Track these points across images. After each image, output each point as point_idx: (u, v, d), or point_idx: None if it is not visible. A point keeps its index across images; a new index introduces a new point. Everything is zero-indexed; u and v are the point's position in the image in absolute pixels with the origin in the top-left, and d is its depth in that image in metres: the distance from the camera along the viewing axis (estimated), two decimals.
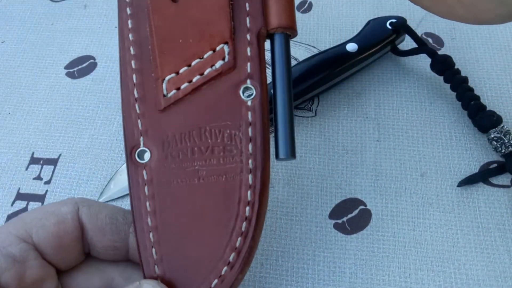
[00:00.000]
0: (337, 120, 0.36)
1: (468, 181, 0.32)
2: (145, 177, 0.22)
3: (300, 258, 0.30)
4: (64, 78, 0.40)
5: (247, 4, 0.22)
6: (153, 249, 0.21)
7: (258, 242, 0.22)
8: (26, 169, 0.35)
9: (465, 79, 0.35)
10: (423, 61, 0.38)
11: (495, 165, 0.33)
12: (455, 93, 0.35)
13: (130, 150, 0.22)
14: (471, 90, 0.34)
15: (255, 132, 0.22)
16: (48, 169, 0.35)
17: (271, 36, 0.23)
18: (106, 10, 0.45)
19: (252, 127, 0.22)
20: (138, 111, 0.22)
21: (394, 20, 0.37)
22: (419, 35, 0.39)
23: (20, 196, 0.34)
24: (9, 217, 0.33)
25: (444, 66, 0.35)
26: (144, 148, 0.22)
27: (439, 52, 0.37)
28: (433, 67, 0.36)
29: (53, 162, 0.35)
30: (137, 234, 0.21)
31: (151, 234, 0.21)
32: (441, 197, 0.32)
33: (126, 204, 0.33)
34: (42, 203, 0.34)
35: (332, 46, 0.36)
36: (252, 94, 0.22)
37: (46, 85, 0.40)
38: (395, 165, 0.33)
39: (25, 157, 0.36)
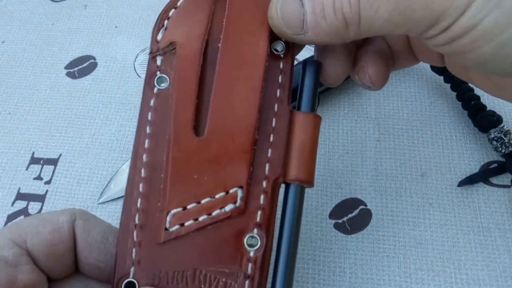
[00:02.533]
0: (337, 120, 0.36)
1: (468, 181, 0.32)
2: None
3: (300, 257, 0.30)
4: (64, 78, 0.40)
5: (269, 151, 0.22)
6: None
7: None
8: (27, 169, 0.35)
9: None
10: None
11: (495, 165, 0.33)
12: (455, 93, 0.35)
13: (118, 280, 0.21)
14: (471, 90, 0.34)
15: (252, 287, 0.20)
16: (48, 169, 0.35)
17: (287, 184, 0.22)
18: (107, 10, 0.45)
19: (249, 281, 0.20)
20: (135, 239, 0.21)
21: None
22: None
23: (20, 196, 0.34)
24: (9, 217, 0.33)
25: (444, 66, 0.35)
26: (133, 280, 0.21)
27: None
28: (433, 67, 0.36)
29: (54, 162, 0.35)
30: None
31: None
32: (441, 197, 0.32)
33: None
34: (42, 203, 0.34)
35: None
36: (256, 244, 0.21)
37: (46, 85, 0.40)
38: (395, 165, 0.33)
39: (25, 157, 0.36)
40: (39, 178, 0.35)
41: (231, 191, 0.21)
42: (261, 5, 0.22)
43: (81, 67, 0.41)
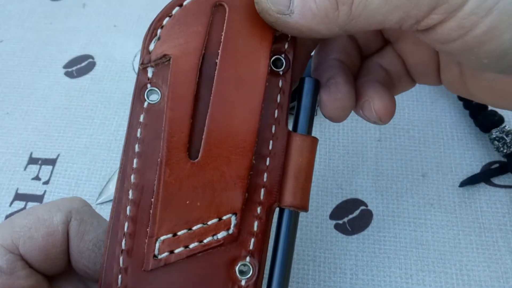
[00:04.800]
0: None
1: (470, 181, 0.32)
2: None
3: (301, 258, 0.30)
4: (62, 77, 0.40)
5: (265, 175, 0.21)
6: None
7: None
8: (25, 169, 0.35)
9: None
10: None
11: (497, 165, 0.33)
12: None
13: None
14: None
15: None
16: (46, 169, 0.35)
17: (281, 208, 0.21)
18: (105, 9, 0.45)
19: None
20: (121, 265, 0.20)
21: None
22: None
23: (18, 197, 0.34)
24: (8, 217, 0.33)
25: None
26: None
27: None
28: None
29: (52, 162, 0.35)
30: None
31: None
32: (442, 197, 0.32)
33: None
34: (41, 204, 0.33)
35: None
36: (249, 273, 0.20)
37: (44, 84, 0.40)
38: (396, 165, 0.33)
39: (23, 157, 0.36)
40: (37, 178, 0.35)
41: (224, 217, 0.20)
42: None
43: (80, 66, 0.41)
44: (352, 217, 0.31)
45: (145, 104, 0.21)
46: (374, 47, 0.25)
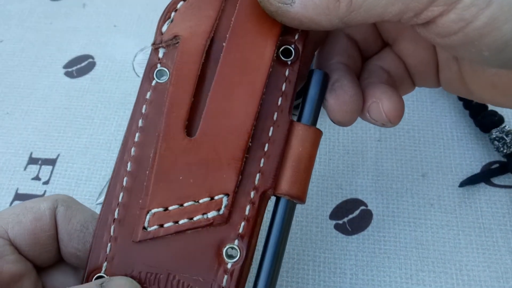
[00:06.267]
0: None
1: (470, 181, 0.32)
2: None
3: (300, 259, 0.30)
4: (62, 77, 0.40)
5: (262, 160, 0.21)
6: None
7: None
8: (25, 169, 0.35)
9: None
10: None
11: (497, 165, 0.33)
12: None
13: (89, 274, 0.20)
14: None
15: None
16: (46, 169, 0.35)
17: (277, 197, 0.21)
18: (105, 9, 0.45)
19: None
20: (111, 233, 0.20)
21: None
22: None
23: (18, 197, 0.34)
24: None
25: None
26: (104, 275, 0.20)
27: None
28: None
29: (52, 162, 0.35)
30: None
31: None
32: (442, 197, 0.32)
33: None
34: None
35: None
36: (236, 256, 0.20)
37: (44, 84, 0.40)
38: (396, 165, 0.33)
39: (23, 157, 0.36)
40: (37, 178, 0.35)
41: (216, 197, 0.20)
42: None
43: (80, 66, 0.41)
44: (352, 217, 0.31)
45: (153, 82, 0.21)
46: (373, 49, 0.25)
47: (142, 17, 0.43)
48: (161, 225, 0.20)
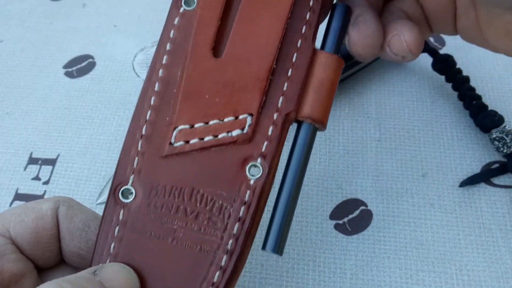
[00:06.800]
0: (338, 120, 0.36)
1: (470, 181, 0.32)
2: (120, 217, 0.21)
3: (300, 259, 0.30)
4: (62, 77, 0.40)
5: (285, 84, 0.21)
6: None
7: None
8: (25, 169, 0.35)
9: (466, 79, 0.34)
10: (425, 60, 0.38)
11: (497, 165, 0.33)
12: (457, 92, 0.35)
13: (116, 186, 0.21)
14: (473, 89, 0.34)
15: (246, 214, 0.20)
16: (46, 169, 0.35)
17: (299, 122, 0.22)
18: (105, 9, 0.45)
19: (245, 208, 0.20)
20: (139, 149, 0.21)
21: None
22: None
23: (18, 197, 0.34)
24: None
25: (445, 66, 0.35)
26: (131, 188, 0.21)
27: (441, 52, 0.37)
28: (434, 66, 0.35)
29: (52, 162, 0.35)
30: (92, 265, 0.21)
31: None
32: (442, 197, 0.32)
33: None
34: None
35: None
36: (258, 174, 0.21)
37: (44, 84, 0.40)
38: (396, 165, 0.33)
39: (23, 157, 0.36)
40: (37, 178, 0.35)
41: (240, 117, 0.21)
42: None
43: (80, 66, 0.41)
44: (352, 217, 0.31)
45: (181, 9, 0.22)
46: None
47: (142, 17, 0.43)
48: (187, 142, 0.21)
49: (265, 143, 0.21)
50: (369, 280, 0.29)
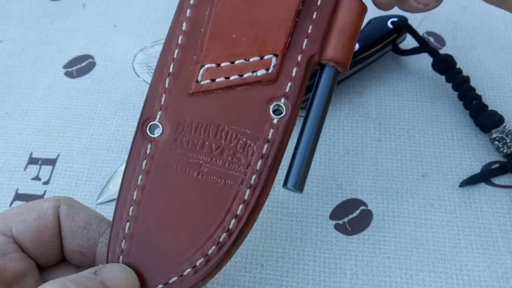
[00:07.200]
0: (338, 120, 0.36)
1: (470, 181, 0.32)
2: (148, 151, 0.21)
3: (300, 259, 0.30)
4: (62, 77, 0.40)
5: (310, 27, 0.22)
6: (128, 223, 0.21)
7: (232, 256, 0.21)
8: (25, 169, 0.35)
9: (466, 79, 0.34)
10: (425, 60, 0.38)
11: (497, 165, 0.33)
12: (457, 92, 0.35)
13: (144, 121, 0.22)
14: (473, 89, 0.34)
15: (269, 151, 0.21)
16: (46, 169, 0.35)
17: (321, 65, 0.23)
18: (105, 9, 0.45)
19: (268, 145, 0.21)
20: (166, 86, 0.22)
21: (395, 19, 0.37)
22: (421, 34, 0.39)
23: (18, 197, 0.34)
24: None
25: (445, 66, 0.35)
26: (158, 123, 0.22)
27: (441, 51, 0.37)
28: (434, 66, 0.35)
29: (52, 162, 0.35)
30: (118, 205, 0.21)
31: (131, 208, 0.21)
32: (442, 197, 0.32)
33: None
34: None
35: None
36: (281, 113, 0.21)
37: (44, 84, 0.40)
38: (396, 165, 0.33)
39: (23, 157, 0.36)
40: (37, 178, 0.34)
41: (265, 57, 0.21)
42: None
43: (80, 66, 0.41)
44: (352, 217, 0.31)
45: None
46: None
47: (142, 17, 0.43)
48: (213, 80, 0.22)
49: (289, 83, 0.21)
50: (369, 280, 0.29)
